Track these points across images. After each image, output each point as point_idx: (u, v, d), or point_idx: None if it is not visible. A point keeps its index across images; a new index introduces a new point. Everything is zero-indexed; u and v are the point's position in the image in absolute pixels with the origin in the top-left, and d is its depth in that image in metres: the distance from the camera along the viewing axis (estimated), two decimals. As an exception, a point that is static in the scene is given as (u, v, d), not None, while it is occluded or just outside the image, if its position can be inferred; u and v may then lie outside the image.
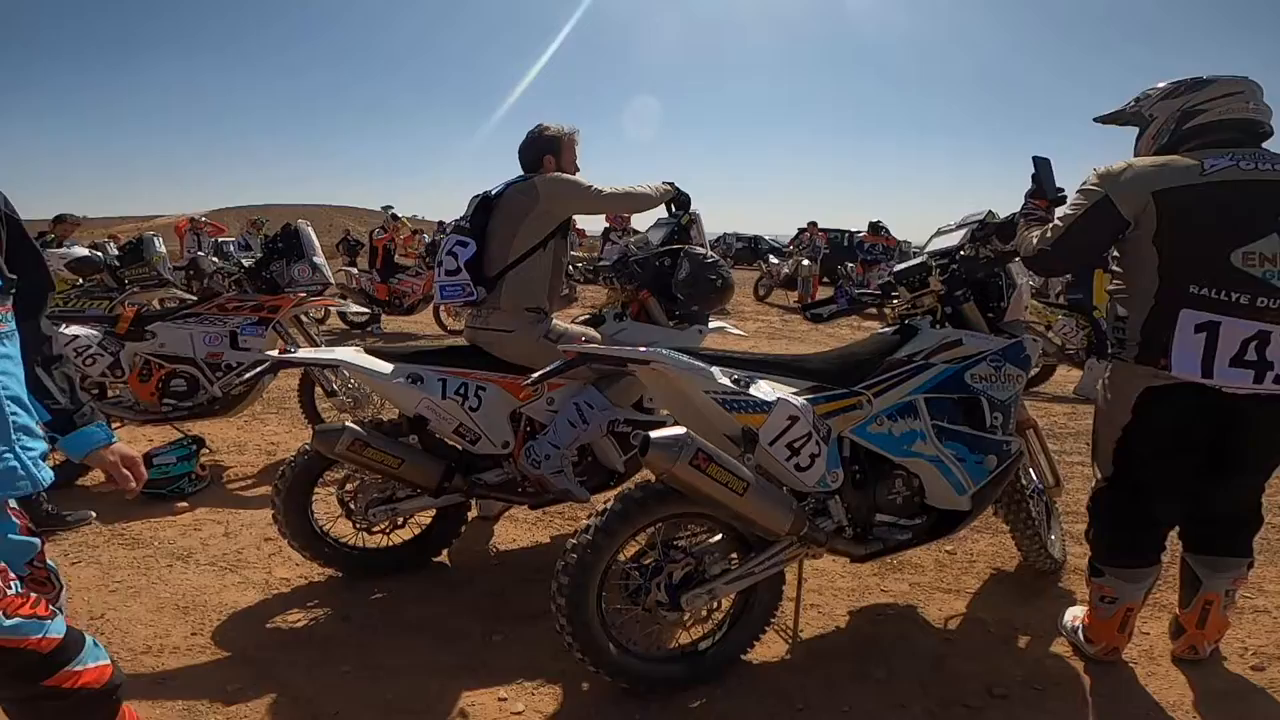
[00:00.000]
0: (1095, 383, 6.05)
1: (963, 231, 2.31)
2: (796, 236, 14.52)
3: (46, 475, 1.26)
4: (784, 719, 1.86)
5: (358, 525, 2.59)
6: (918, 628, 2.30)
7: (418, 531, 2.72)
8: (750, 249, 20.98)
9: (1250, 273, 1.67)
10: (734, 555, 1.97)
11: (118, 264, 5.60)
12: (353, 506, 2.60)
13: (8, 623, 1.17)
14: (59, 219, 6.75)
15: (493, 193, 2.66)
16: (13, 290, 1.25)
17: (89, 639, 1.30)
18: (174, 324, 3.89)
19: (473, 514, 3.13)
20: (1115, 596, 1.98)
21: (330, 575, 2.66)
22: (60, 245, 6.19)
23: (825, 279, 12.58)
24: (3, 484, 1.20)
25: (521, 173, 2.71)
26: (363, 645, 2.24)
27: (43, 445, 1.27)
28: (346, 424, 2.39)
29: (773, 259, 13.33)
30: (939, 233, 2.45)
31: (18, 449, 1.21)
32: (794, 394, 1.90)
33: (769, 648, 2.18)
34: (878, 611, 2.40)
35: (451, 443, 2.61)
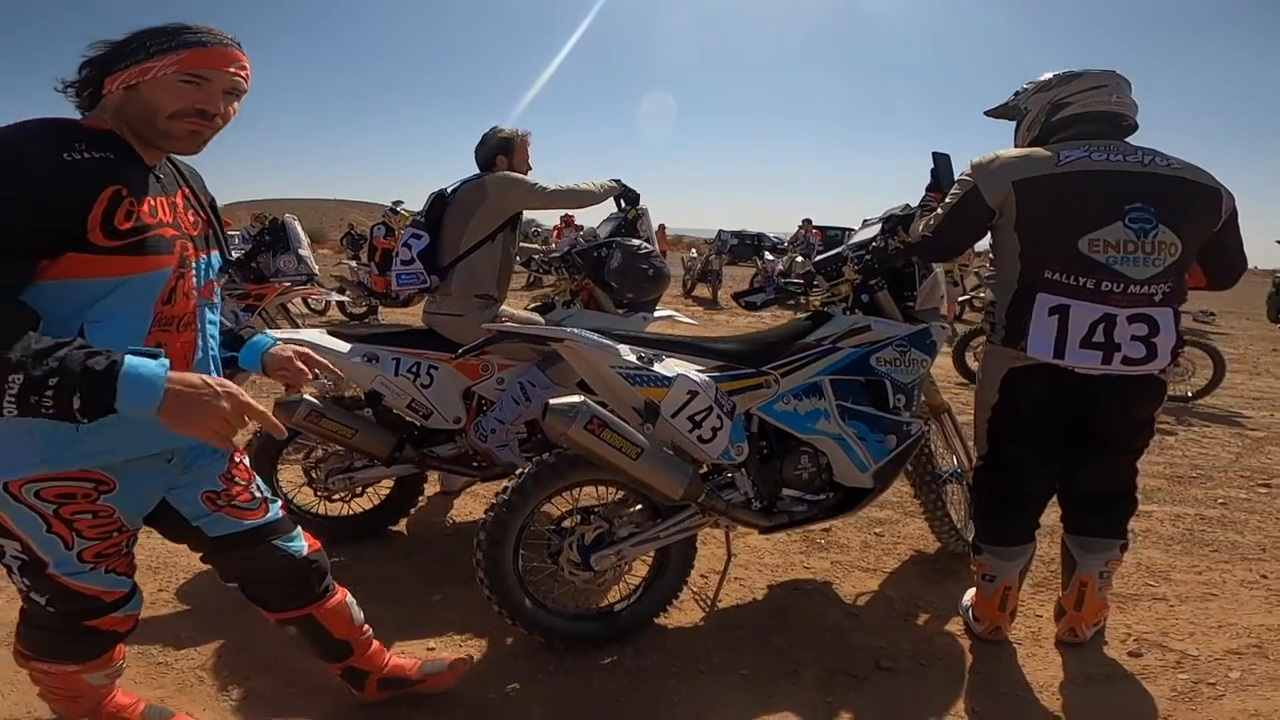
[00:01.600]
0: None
1: (880, 224, 2.43)
2: (795, 235, 14.66)
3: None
4: (686, 677, 1.99)
5: (319, 493, 2.79)
6: (829, 602, 2.42)
7: (377, 502, 2.90)
8: (753, 246, 21.07)
9: (1095, 259, 1.76)
10: (645, 521, 2.12)
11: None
12: (315, 476, 2.79)
13: (105, 576, 1.35)
14: None
15: (448, 190, 2.85)
16: (226, 270, 1.47)
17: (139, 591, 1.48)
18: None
19: (434, 489, 3.32)
20: (994, 574, 2.06)
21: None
22: None
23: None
24: None
25: (477, 171, 2.89)
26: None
27: None
28: (304, 396, 2.57)
29: (768, 256, 13.48)
30: (864, 225, 2.59)
31: None
32: (698, 371, 2.05)
33: (686, 614, 2.33)
34: (795, 586, 2.52)
35: (407, 418, 2.79)
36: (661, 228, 19.28)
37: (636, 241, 2.72)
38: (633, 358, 2.00)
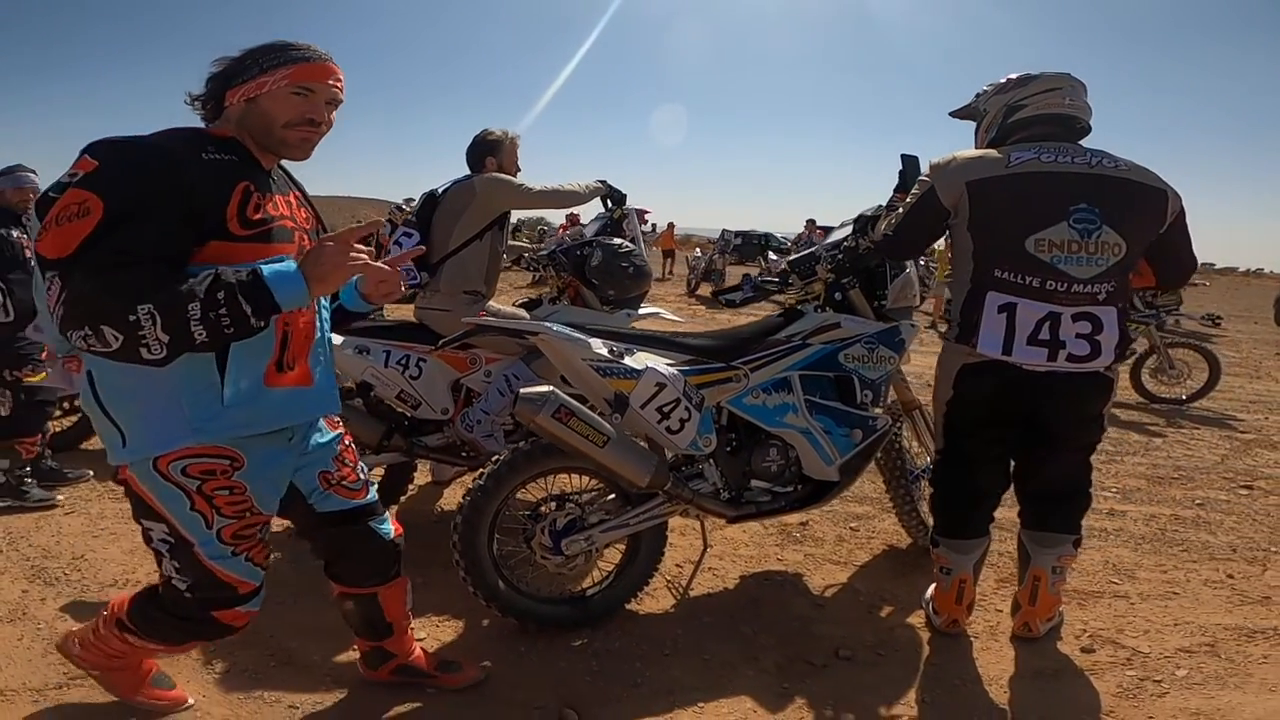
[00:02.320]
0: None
1: (853, 224, 2.50)
2: (799, 235, 14.70)
3: (338, 401, 1.61)
4: (651, 660, 2.07)
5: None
6: (797, 593, 2.48)
7: (367, 490, 3.00)
8: (760, 246, 21.11)
9: (1041, 258, 1.81)
10: (616, 509, 2.19)
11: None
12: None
13: (244, 564, 1.47)
14: None
15: (439, 190, 2.95)
16: None
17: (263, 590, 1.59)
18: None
19: (426, 479, 3.41)
20: (950, 567, 2.11)
21: (286, 527, 2.94)
22: None
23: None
24: (324, 405, 1.55)
25: (468, 172, 2.99)
26: (303, 585, 2.50)
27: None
28: None
29: (772, 255, 13.54)
30: (840, 225, 2.65)
31: (331, 375, 1.56)
32: (667, 365, 2.12)
33: (658, 601, 2.41)
34: (767, 577, 2.59)
35: (396, 408, 2.89)
36: (671, 226, 19.34)
37: (618, 241, 2.80)
38: (604, 351, 2.08)
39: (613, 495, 2.24)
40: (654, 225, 16.28)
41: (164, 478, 1.35)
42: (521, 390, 1.92)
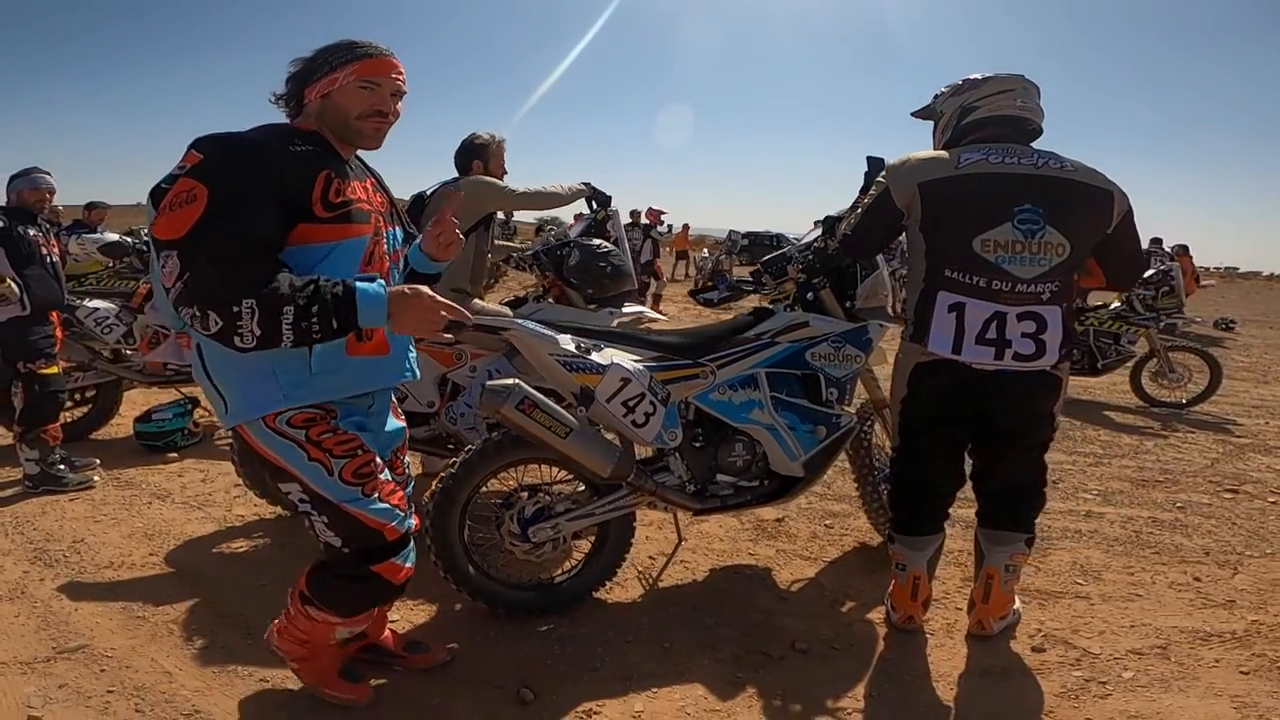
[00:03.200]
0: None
1: (823, 225, 2.54)
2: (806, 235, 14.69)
3: (417, 370, 1.73)
4: (613, 645, 2.13)
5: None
6: (765, 587, 2.53)
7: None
8: (771, 247, 21.13)
9: (987, 258, 1.84)
10: (584, 499, 2.26)
11: (145, 248, 6.16)
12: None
13: (379, 505, 1.58)
14: (90, 205, 7.37)
15: (427, 192, 3.05)
16: (409, 242, 1.77)
17: (413, 541, 1.67)
18: (178, 298, 4.37)
19: (417, 470, 3.50)
20: (905, 563, 2.14)
21: (279, 514, 3.06)
22: (94, 231, 6.80)
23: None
24: (401, 373, 1.66)
25: (456, 175, 3.09)
26: (285, 567, 2.60)
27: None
28: None
29: None
30: (815, 225, 2.70)
31: (409, 346, 1.68)
32: (634, 360, 2.19)
33: (628, 591, 2.48)
34: (736, 570, 2.64)
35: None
36: (685, 228, 19.40)
37: (597, 241, 2.87)
38: (571, 346, 2.15)
39: (581, 486, 2.31)
40: (669, 226, 16.31)
41: (275, 432, 1.50)
42: (487, 383, 2.00)
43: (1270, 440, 4.71)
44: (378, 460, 1.61)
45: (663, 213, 12.29)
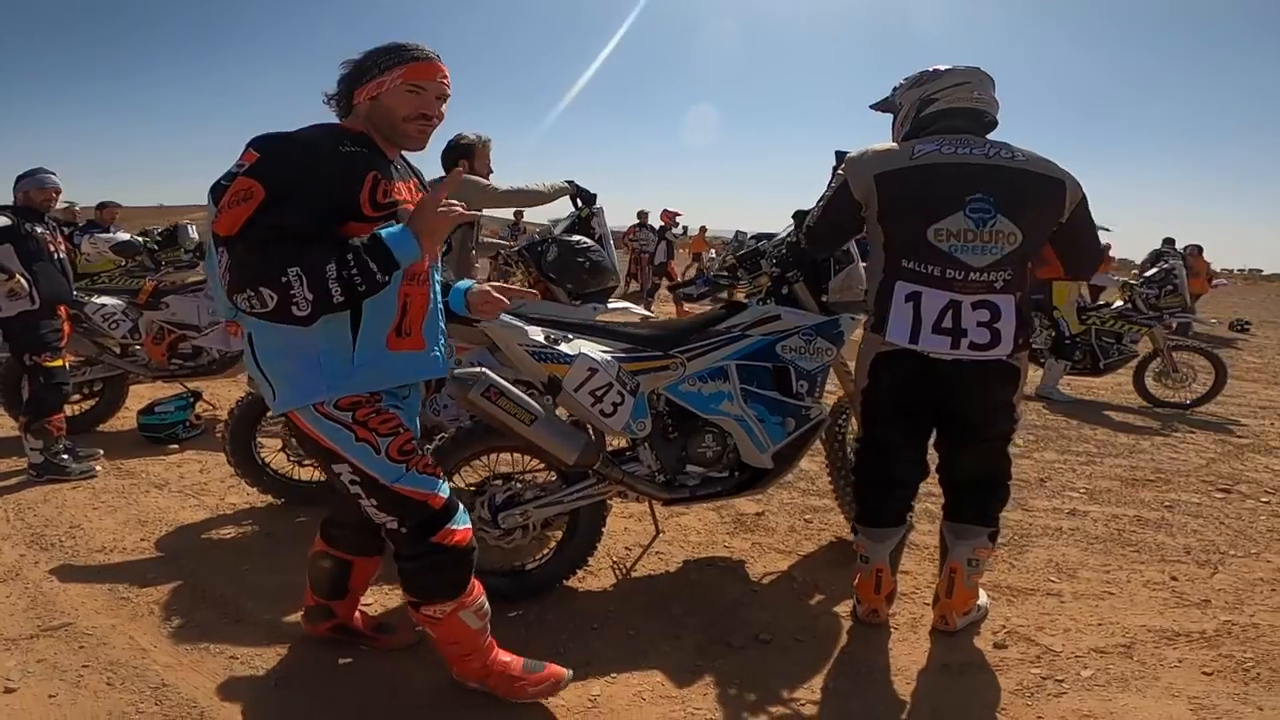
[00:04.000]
0: (1056, 381, 6.01)
1: (795, 220, 2.56)
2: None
3: (446, 366, 1.78)
4: (577, 633, 2.17)
5: (291, 459, 3.11)
6: (736, 579, 2.54)
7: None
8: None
9: (940, 247, 1.85)
10: (554, 487, 2.30)
11: (155, 247, 6.29)
12: (289, 443, 3.09)
13: (420, 476, 1.63)
14: (102, 205, 7.53)
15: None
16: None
17: (459, 503, 1.71)
18: (183, 296, 4.46)
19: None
20: (868, 555, 2.14)
21: (270, 503, 3.13)
22: (106, 230, 6.96)
23: None
24: (435, 368, 1.72)
25: (442, 174, 3.14)
26: (270, 553, 2.68)
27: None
28: None
29: None
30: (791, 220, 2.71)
31: (441, 344, 1.75)
32: (602, 351, 2.22)
33: (600, 580, 2.51)
34: (710, 562, 2.66)
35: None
36: (702, 229, 19.43)
37: (576, 237, 2.90)
38: (539, 337, 2.19)
39: (554, 476, 2.35)
40: (685, 228, 16.33)
41: (325, 417, 1.57)
42: (455, 370, 2.04)
43: (1272, 441, 4.63)
44: (416, 438, 1.68)
45: (677, 214, 12.30)
